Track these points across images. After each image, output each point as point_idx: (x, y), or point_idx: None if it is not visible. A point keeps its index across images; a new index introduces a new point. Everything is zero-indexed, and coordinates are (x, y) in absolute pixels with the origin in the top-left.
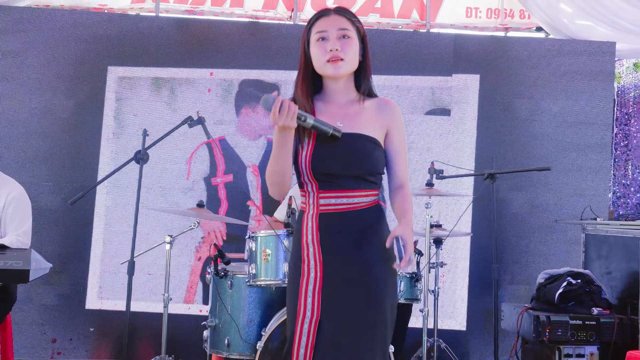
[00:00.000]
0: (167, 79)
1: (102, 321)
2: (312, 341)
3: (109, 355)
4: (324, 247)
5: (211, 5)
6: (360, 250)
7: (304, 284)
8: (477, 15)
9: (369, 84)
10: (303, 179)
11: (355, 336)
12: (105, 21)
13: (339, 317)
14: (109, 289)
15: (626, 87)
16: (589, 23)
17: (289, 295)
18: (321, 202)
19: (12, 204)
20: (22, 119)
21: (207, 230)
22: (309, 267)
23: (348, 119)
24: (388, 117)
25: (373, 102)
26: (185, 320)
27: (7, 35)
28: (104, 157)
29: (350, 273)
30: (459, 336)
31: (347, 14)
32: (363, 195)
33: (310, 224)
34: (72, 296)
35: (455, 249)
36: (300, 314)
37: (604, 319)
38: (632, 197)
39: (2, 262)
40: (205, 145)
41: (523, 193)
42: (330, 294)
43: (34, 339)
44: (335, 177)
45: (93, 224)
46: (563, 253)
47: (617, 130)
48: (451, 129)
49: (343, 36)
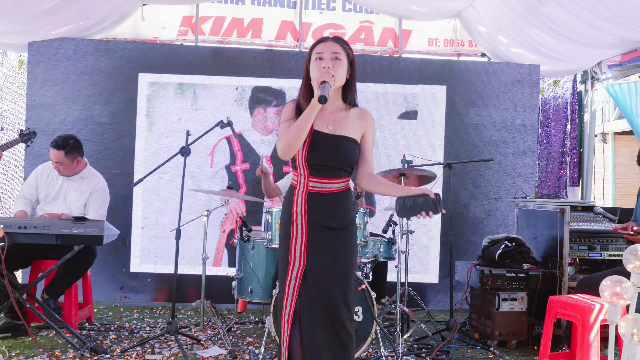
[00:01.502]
0: (197, 84)
1: (156, 275)
2: (299, 283)
3: (163, 299)
4: (309, 216)
5: (237, 36)
6: (335, 221)
7: (293, 242)
8: (437, 44)
9: (354, 96)
10: (297, 164)
11: (330, 279)
12: (153, 48)
13: (319, 265)
14: (161, 251)
15: (548, 98)
16: (520, 50)
17: (282, 251)
18: (310, 184)
19: (97, 193)
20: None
21: (229, 209)
22: (297, 229)
23: (336, 123)
24: (365, 124)
25: (355, 110)
26: (215, 279)
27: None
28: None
29: (327, 236)
30: (429, 286)
31: (340, 41)
32: (341, 181)
33: (300, 199)
34: (133, 256)
35: (431, 222)
36: (291, 264)
37: (532, 272)
38: (551, 181)
39: (83, 230)
40: (225, 140)
41: (472, 179)
42: (312, 250)
43: (107, 287)
44: (323, 167)
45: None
46: (501, 223)
47: (541, 131)
48: (419, 130)
49: (335, 58)
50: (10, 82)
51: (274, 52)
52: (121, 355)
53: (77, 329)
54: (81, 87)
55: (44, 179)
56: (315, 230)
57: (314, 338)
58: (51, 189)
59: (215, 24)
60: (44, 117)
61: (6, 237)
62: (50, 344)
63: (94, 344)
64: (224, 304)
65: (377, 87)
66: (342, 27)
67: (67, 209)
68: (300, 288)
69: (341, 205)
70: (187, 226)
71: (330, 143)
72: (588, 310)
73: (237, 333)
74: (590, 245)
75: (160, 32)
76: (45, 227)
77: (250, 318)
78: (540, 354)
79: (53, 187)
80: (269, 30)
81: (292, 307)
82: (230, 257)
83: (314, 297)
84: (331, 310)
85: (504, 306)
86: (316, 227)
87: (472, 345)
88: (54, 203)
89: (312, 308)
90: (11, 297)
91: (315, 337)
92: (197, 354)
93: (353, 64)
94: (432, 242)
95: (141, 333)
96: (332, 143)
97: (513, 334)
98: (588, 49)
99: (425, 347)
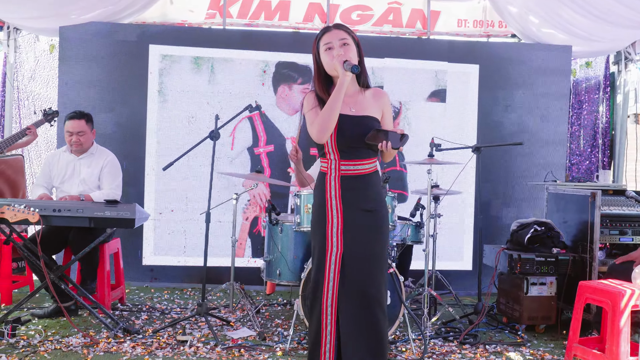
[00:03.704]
0: (214, 59)
1: (185, 257)
2: (339, 267)
3: (192, 281)
4: (344, 200)
5: (264, 19)
6: (368, 202)
7: (329, 227)
8: (466, 25)
9: (367, 77)
10: (327, 150)
11: (367, 261)
12: (186, 32)
13: (356, 248)
14: (191, 237)
15: (579, 80)
16: (551, 31)
17: (316, 237)
18: (342, 167)
19: (108, 166)
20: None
21: (252, 194)
22: (332, 215)
23: (358, 105)
24: (382, 101)
25: (370, 91)
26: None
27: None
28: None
29: (362, 218)
30: (460, 272)
31: (343, 27)
32: (371, 161)
33: (333, 184)
34: (163, 238)
35: (462, 206)
36: (328, 249)
37: (561, 257)
38: (582, 164)
39: (116, 213)
40: (247, 120)
41: (502, 163)
42: (348, 233)
43: (138, 268)
44: (354, 148)
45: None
46: (531, 207)
47: (572, 113)
48: (447, 112)
49: (344, 44)
50: (42, 66)
51: (301, 35)
52: (153, 336)
53: (110, 310)
54: (111, 70)
55: (54, 165)
56: (351, 213)
57: (354, 322)
58: (64, 171)
59: (243, 6)
60: (74, 100)
61: (42, 220)
62: (84, 324)
63: (126, 324)
64: (252, 286)
65: (406, 62)
66: (370, 8)
67: (83, 185)
68: (341, 272)
69: (373, 187)
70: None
71: (357, 124)
72: (619, 296)
73: (266, 315)
74: (621, 230)
75: (189, 16)
76: (78, 210)
77: (279, 300)
78: (570, 339)
79: (66, 169)
80: (296, 12)
81: (335, 292)
82: (254, 247)
83: (352, 280)
84: (369, 293)
85: (533, 290)
86: (351, 210)
87: (500, 329)
88: (70, 182)
89: (351, 291)
90: (47, 278)
91: (354, 320)
92: (227, 335)
93: (359, 46)
94: (465, 226)
95: (172, 314)
96: (359, 123)
97: (541, 319)
98: (621, 29)
99: (452, 330)
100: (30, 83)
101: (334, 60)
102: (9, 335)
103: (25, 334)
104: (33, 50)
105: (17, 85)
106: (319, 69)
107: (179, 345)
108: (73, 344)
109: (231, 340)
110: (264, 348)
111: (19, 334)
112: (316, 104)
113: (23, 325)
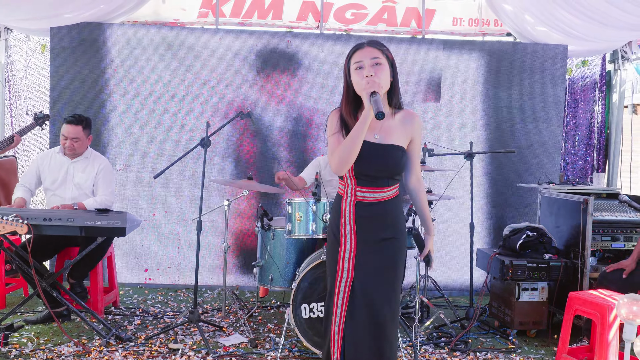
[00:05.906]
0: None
1: (179, 259)
2: (348, 294)
3: (187, 281)
4: (358, 227)
5: (257, 18)
6: (384, 231)
7: (342, 253)
8: (461, 23)
9: (399, 99)
10: (345, 175)
11: (377, 291)
12: (178, 33)
13: (367, 277)
14: (185, 238)
15: (575, 78)
16: (546, 30)
17: (330, 262)
18: (358, 194)
19: (102, 172)
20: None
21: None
22: (346, 240)
23: (383, 131)
24: (412, 128)
25: (400, 114)
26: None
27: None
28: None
29: (376, 247)
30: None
31: (377, 45)
32: (389, 189)
33: (348, 209)
34: (157, 239)
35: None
36: (339, 275)
37: (553, 262)
38: (577, 164)
39: (107, 222)
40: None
41: (497, 165)
42: (360, 261)
43: (131, 269)
44: (371, 177)
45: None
46: (526, 211)
47: (568, 112)
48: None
49: (376, 64)
50: (34, 65)
51: (295, 34)
52: (145, 343)
53: (102, 314)
54: (103, 70)
55: (46, 167)
56: (364, 240)
57: (357, 349)
58: (57, 174)
59: (235, 5)
60: (65, 99)
61: (32, 229)
62: (77, 330)
63: (118, 331)
64: (247, 287)
65: (400, 62)
66: (364, 7)
67: (78, 189)
68: (349, 299)
69: (390, 213)
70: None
71: (378, 153)
72: (608, 309)
73: (259, 319)
74: (613, 236)
75: (181, 15)
76: (69, 219)
77: (272, 302)
78: (559, 350)
79: (59, 172)
80: (290, 11)
81: (342, 320)
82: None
83: (360, 307)
84: (376, 321)
85: (524, 296)
86: (365, 237)
87: (492, 334)
88: (63, 187)
89: (357, 319)
90: (37, 286)
91: (358, 348)
92: (219, 342)
93: (394, 65)
94: (461, 230)
95: (165, 318)
96: (380, 153)
97: (533, 323)
98: (616, 31)
99: (444, 335)
100: (22, 83)
101: (362, 91)
102: (1, 344)
103: (17, 342)
104: (24, 50)
105: (9, 86)
106: (348, 88)
107: (171, 353)
108: (65, 353)
109: (223, 348)
110: (255, 356)
111: (12, 342)
112: (339, 128)
113: (16, 332)
